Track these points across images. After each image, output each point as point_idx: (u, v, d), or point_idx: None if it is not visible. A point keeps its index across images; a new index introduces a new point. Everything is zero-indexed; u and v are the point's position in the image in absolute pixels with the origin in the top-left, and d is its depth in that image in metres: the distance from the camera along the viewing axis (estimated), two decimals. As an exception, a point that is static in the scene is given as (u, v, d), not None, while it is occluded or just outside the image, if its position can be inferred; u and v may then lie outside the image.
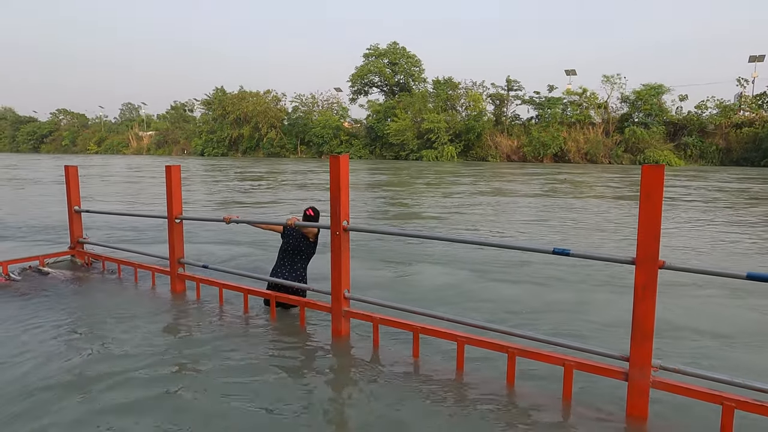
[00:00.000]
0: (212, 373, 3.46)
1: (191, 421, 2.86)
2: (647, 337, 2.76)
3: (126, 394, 3.13)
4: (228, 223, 4.92)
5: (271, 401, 3.09)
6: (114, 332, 4.20)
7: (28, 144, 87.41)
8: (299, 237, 4.72)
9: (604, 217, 11.84)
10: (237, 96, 62.14)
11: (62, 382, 3.30)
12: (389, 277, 6.36)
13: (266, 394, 3.19)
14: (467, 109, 51.39)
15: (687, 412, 2.93)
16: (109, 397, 3.09)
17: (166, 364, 3.60)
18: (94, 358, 3.68)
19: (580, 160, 44.75)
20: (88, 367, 3.52)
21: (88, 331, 4.29)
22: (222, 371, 3.49)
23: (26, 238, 8.82)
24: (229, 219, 4.88)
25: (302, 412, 2.99)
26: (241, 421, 2.86)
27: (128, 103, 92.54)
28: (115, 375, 3.38)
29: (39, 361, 3.61)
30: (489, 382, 3.36)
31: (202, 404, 3.05)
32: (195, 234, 8.72)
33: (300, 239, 4.72)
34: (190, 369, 3.56)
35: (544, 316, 4.78)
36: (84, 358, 3.69)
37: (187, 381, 3.36)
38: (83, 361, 3.64)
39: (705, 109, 43.81)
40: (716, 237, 9.27)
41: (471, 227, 10.36)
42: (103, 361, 3.62)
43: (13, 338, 4.07)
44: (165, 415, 2.91)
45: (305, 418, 2.91)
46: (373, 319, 3.93)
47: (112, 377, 3.35)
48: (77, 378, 3.35)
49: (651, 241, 2.70)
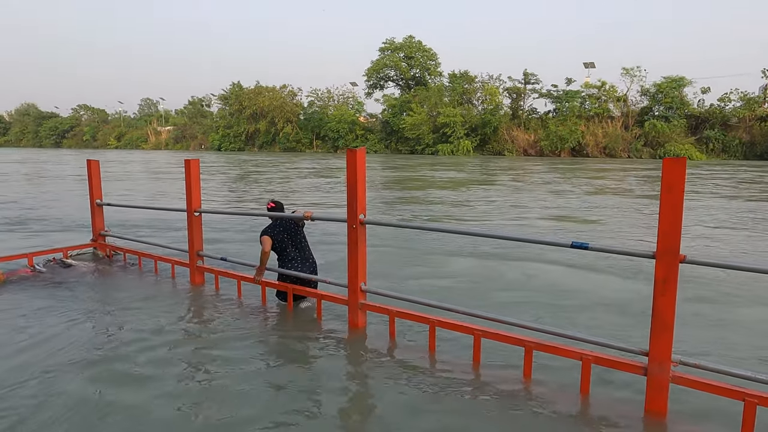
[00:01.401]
0: (230, 362, 3.52)
1: (209, 403, 2.91)
2: (667, 331, 2.73)
3: (148, 375, 3.21)
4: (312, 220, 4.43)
5: (288, 390, 3.14)
6: (135, 320, 4.30)
7: (51, 139, 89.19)
8: (292, 225, 4.70)
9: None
10: (253, 91, 62.51)
11: (89, 359, 3.40)
12: (406, 270, 6.37)
13: (283, 383, 3.23)
14: (483, 102, 50.96)
15: (707, 408, 2.89)
16: (131, 378, 3.17)
17: (185, 352, 3.67)
18: (117, 343, 3.78)
19: (599, 154, 44.12)
20: (112, 350, 3.62)
21: (112, 319, 4.39)
22: (240, 360, 3.55)
23: (51, 230, 9.03)
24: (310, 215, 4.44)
25: (319, 401, 3.02)
26: (258, 408, 2.91)
27: (147, 98, 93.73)
28: (137, 357, 3.47)
29: (67, 344, 3.74)
30: (505, 375, 3.35)
31: (221, 388, 3.11)
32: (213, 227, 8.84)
33: (294, 226, 4.72)
34: (209, 356, 3.63)
35: (562, 310, 4.75)
36: (108, 342, 3.80)
37: (207, 367, 3.43)
38: (108, 344, 3.75)
39: (728, 102, 42.75)
40: (738, 231, 9.08)
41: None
42: (126, 346, 3.72)
43: (43, 324, 4.19)
44: (185, 396, 2.97)
45: (323, 408, 2.94)
46: (389, 311, 3.95)
47: (134, 359, 3.44)
48: (102, 358, 3.45)
49: (672, 234, 2.67)
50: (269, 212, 4.70)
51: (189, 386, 3.18)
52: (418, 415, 2.88)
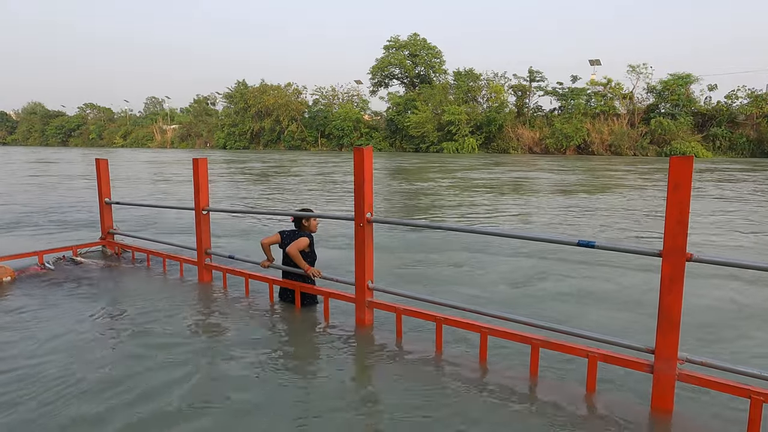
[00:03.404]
0: (236, 358, 3.56)
1: (216, 397, 2.95)
2: (673, 329, 2.74)
3: (157, 371, 3.26)
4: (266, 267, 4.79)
5: (295, 387, 3.17)
6: (144, 317, 4.35)
7: (57, 138, 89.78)
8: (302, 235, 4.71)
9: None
10: (258, 89, 62.70)
11: (100, 357, 3.45)
12: (412, 268, 6.40)
13: (289, 380, 3.27)
14: (489, 100, 50.91)
15: (713, 406, 2.91)
16: (141, 372, 3.22)
17: (193, 349, 3.71)
18: (126, 339, 3.83)
19: (604, 152, 43.96)
20: (123, 346, 3.67)
21: (121, 315, 4.44)
22: (246, 356, 3.58)
23: (59, 228, 9.12)
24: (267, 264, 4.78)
25: (325, 398, 3.05)
26: (263, 404, 2.94)
27: (152, 97, 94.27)
28: (147, 354, 3.52)
29: (77, 341, 3.78)
30: (512, 373, 3.38)
31: (227, 383, 3.14)
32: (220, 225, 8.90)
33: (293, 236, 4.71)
34: (216, 351, 3.67)
35: (569, 307, 4.76)
36: (118, 339, 3.84)
37: (213, 363, 3.47)
38: (117, 341, 3.80)
39: (735, 99, 42.52)
40: (747, 229, 9.05)
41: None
42: (135, 341, 3.77)
43: (54, 321, 4.25)
44: (194, 391, 3.01)
45: (328, 405, 2.98)
46: (396, 309, 3.98)
47: (144, 356, 3.48)
48: (113, 355, 3.50)
49: (678, 233, 2.68)
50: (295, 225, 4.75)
51: (196, 381, 3.22)
52: (424, 412, 2.91)
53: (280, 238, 4.67)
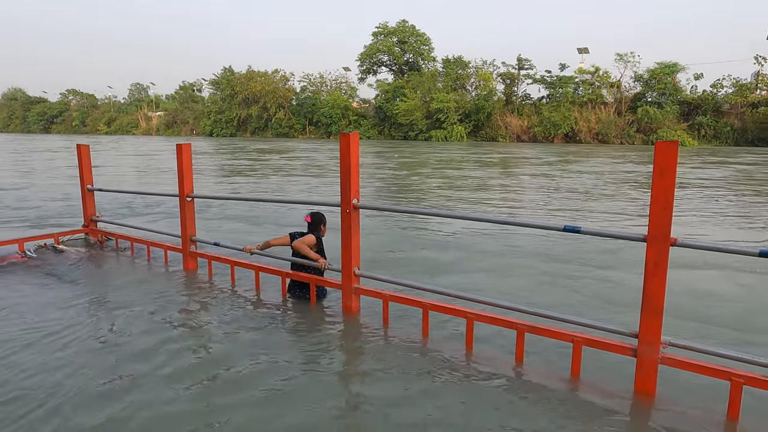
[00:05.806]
0: (221, 346, 3.53)
1: (202, 386, 2.93)
2: (657, 313, 2.77)
3: (140, 359, 3.22)
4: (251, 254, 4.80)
5: (280, 375, 3.15)
6: (128, 306, 4.29)
7: (39, 124, 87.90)
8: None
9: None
10: (245, 76, 61.78)
11: (84, 347, 3.40)
12: (399, 255, 6.40)
13: (275, 368, 3.25)
14: (477, 88, 50.77)
15: (695, 388, 2.95)
16: (125, 361, 3.18)
17: (178, 336, 3.68)
18: (109, 329, 3.77)
19: (592, 140, 44.21)
20: (106, 336, 3.61)
21: (103, 304, 4.38)
22: (231, 344, 3.56)
23: (41, 216, 8.95)
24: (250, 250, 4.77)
25: (311, 385, 3.04)
26: (247, 392, 2.93)
27: (137, 83, 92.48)
28: (130, 343, 3.47)
29: (60, 329, 3.71)
30: (498, 358, 3.39)
31: (212, 371, 3.12)
32: (205, 211, 8.80)
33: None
34: (201, 340, 3.64)
35: (554, 292, 4.79)
36: (100, 328, 3.78)
37: (199, 351, 3.44)
38: (100, 330, 3.74)
39: (720, 88, 42.86)
40: (728, 216, 9.18)
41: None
42: (118, 333, 3.71)
43: (34, 311, 4.17)
44: (181, 379, 2.98)
45: (313, 393, 2.97)
46: (383, 296, 3.97)
47: (127, 345, 3.44)
48: (96, 344, 3.45)
49: (663, 218, 2.69)
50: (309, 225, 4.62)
51: (183, 370, 3.19)
52: (410, 398, 2.91)
53: (290, 240, 4.57)
